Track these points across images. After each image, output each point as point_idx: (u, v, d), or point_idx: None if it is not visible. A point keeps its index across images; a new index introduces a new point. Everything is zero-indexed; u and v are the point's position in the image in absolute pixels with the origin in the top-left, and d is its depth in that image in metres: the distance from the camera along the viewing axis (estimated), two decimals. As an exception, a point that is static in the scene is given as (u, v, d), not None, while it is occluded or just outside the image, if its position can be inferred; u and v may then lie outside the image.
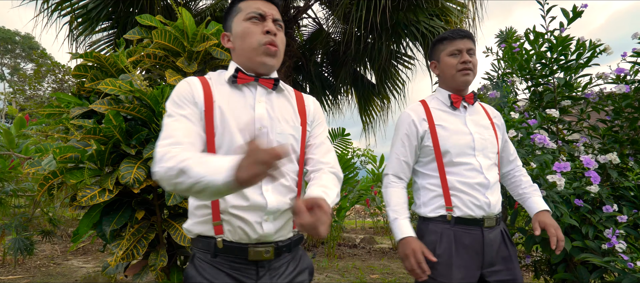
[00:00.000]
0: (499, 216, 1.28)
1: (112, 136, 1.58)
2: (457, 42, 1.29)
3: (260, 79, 0.96)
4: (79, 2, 3.75)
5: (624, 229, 1.67)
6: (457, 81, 1.30)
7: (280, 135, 0.94)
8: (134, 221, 1.68)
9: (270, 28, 0.93)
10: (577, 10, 1.93)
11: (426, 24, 3.75)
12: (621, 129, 1.98)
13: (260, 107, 0.94)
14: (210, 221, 0.88)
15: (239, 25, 0.95)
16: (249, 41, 0.93)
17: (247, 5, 0.96)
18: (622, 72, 1.97)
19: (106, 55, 1.90)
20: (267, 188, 0.90)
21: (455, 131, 1.27)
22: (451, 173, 1.25)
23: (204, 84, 0.93)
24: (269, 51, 0.93)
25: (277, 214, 0.91)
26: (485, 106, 1.42)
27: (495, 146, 1.31)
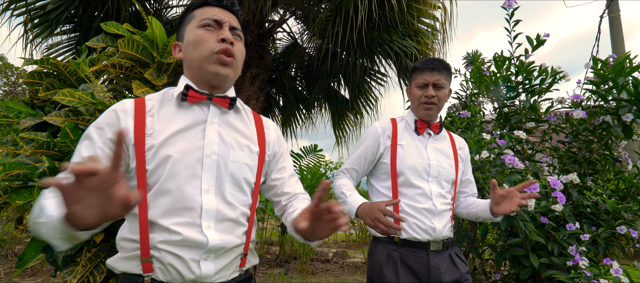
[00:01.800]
0: (446, 240, 1.31)
1: (68, 151, 1.44)
2: (425, 75, 1.32)
3: (214, 98, 0.85)
4: (36, 3, 3.49)
5: (585, 246, 1.76)
6: (419, 113, 1.36)
7: (233, 164, 0.82)
8: (91, 245, 1.53)
9: (225, 36, 0.83)
10: (540, 38, 2.05)
11: (399, 43, 3.86)
12: (579, 150, 2.12)
13: (212, 130, 0.82)
14: (138, 257, 0.76)
15: (191, 32, 0.85)
16: (200, 49, 0.82)
17: (201, 12, 0.86)
18: (578, 98, 2.11)
19: (65, 62, 1.76)
20: (208, 225, 0.77)
21: (413, 154, 1.32)
22: (403, 194, 1.29)
23: (137, 110, 0.80)
24: (222, 60, 0.82)
25: (220, 252, 0.79)
26: (454, 136, 1.46)
27: (452, 176, 1.35)
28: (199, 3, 0.88)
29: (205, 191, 0.78)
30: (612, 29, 5.73)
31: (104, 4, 3.55)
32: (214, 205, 0.78)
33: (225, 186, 0.81)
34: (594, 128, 2.03)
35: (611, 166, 2.11)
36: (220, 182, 0.80)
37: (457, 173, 1.37)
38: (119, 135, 0.52)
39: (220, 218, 0.79)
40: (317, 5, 3.94)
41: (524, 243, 1.81)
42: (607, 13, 5.76)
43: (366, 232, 5.10)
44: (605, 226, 1.81)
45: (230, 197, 0.81)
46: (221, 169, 0.81)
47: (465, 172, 1.45)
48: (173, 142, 0.79)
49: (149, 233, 0.76)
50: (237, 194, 0.83)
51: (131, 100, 0.82)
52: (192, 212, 0.77)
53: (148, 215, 0.76)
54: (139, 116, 0.80)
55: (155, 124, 0.80)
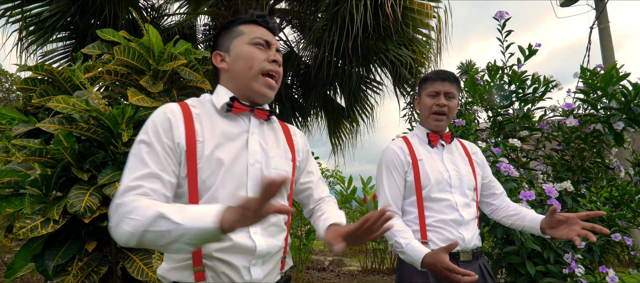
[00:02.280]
0: (476, 250, 1.29)
1: (61, 158, 1.43)
2: (437, 84, 1.33)
3: (255, 110, 0.90)
4: (32, 10, 3.48)
5: (581, 253, 1.77)
6: (429, 124, 1.36)
7: (275, 171, 0.87)
8: (83, 254, 1.50)
9: (277, 58, 0.90)
10: (532, 48, 2.09)
11: (395, 52, 3.90)
12: (572, 158, 2.14)
13: (254, 140, 0.87)
14: (190, 266, 0.77)
15: (242, 47, 0.89)
16: (252, 66, 0.87)
17: (251, 30, 0.91)
18: (570, 107, 2.14)
19: (60, 69, 1.75)
20: (255, 230, 0.81)
21: (433, 167, 1.31)
22: (428, 208, 1.28)
23: (186, 116, 0.82)
24: (270, 84, 0.89)
25: (266, 257, 0.83)
26: (465, 143, 1.46)
27: (473, 183, 1.34)
28: (246, 19, 0.93)
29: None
30: (602, 39, 5.85)
31: (101, 11, 3.56)
32: None
33: None
34: (585, 136, 2.06)
35: (604, 174, 2.13)
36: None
37: (476, 179, 1.36)
38: (280, 182, 0.56)
39: (266, 224, 0.83)
40: (313, 14, 3.98)
41: (521, 251, 1.81)
42: (597, 24, 5.89)
43: (362, 241, 5.07)
44: (600, 234, 1.82)
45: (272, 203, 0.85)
46: (264, 176, 0.85)
47: (485, 175, 1.44)
48: (221, 150, 0.82)
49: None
50: (278, 199, 0.87)
51: (177, 104, 0.84)
52: None
53: None
54: (188, 122, 0.82)
55: (204, 132, 0.82)
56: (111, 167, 1.53)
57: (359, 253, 5.27)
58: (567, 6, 6.32)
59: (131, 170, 0.75)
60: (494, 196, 1.44)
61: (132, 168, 0.76)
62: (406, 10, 3.50)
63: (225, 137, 0.84)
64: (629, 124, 1.89)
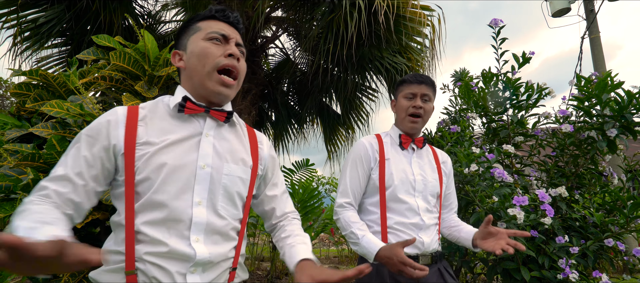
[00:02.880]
0: (435, 254, 1.31)
1: (54, 163, 1.41)
2: (414, 87, 1.35)
3: (211, 111, 0.84)
4: (28, 16, 3.47)
5: (575, 259, 1.77)
6: (405, 125, 1.36)
7: (227, 177, 0.82)
8: (73, 260, 1.48)
9: (233, 51, 0.84)
10: (526, 56, 2.12)
11: (390, 60, 3.94)
12: (566, 164, 2.16)
13: (207, 142, 0.82)
14: (123, 269, 0.74)
15: (197, 44, 0.84)
16: (206, 61, 0.82)
17: (208, 25, 0.86)
18: (564, 114, 2.17)
19: (54, 74, 1.74)
20: (197, 238, 0.76)
21: (400, 169, 1.32)
22: (390, 209, 1.28)
23: (129, 118, 0.79)
24: (225, 82, 0.83)
25: (208, 266, 0.78)
26: (437, 151, 1.48)
27: (437, 190, 1.36)
28: (205, 15, 0.88)
29: (196, 204, 0.77)
30: (593, 49, 5.95)
31: (97, 18, 3.56)
32: (205, 217, 0.78)
33: (217, 199, 0.80)
34: (579, 143, 2.08)
35: (597, 180, 2.15)
36: (213, 195, 0.80)
37: (441, 187, 1.38)
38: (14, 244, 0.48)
39: (210, 231, 0.78)
40: (308, 22, 4.02)
41: (515, 257, 1.82)
42: (588, 34, 6.00)
43: (358, 248, 5.04)
44: (594, 239, 1.83)
45: (222, 210, 0.81)
46: (214, 182, 0.80)
47: (448, 186, 1.46)
48: (166, 152, 0.78)
49: (134, 245, 0.74)
50: (228, 207, 0.82)
51: (124, 108, 0.82)
52: (181, 224, 0.76)
53: (134, 225, 0.75)
54: (130, 124, 0.79)
55: (148, 134, 0.79)
56: (104, 172, 1.52)
57: (355, 261, 5.24)
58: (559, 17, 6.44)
59: (55, 167, 0.77)
60: (448, 209, 1.46)
61: (58, 163, 0.77)
62: (399, 18, 3.55)
63: (175, 139, 0.80)
64: (622, 132, 1.92)
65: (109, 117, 0.80)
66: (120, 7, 3.60)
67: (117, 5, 3.56)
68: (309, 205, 4.20)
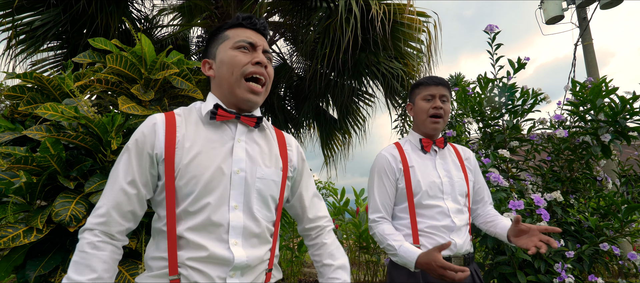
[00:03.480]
0: (467, 255, 1.30)
1: (48, 166, 1.40)
2: (432, 88, 1.35)
3: (241, 117, 0.87)
4: (23, 19, 3.46)
5: (571, 263, 1.78)
6: (426, 127, 1.36)
7: (260, 180, 0.84)
8: (67, 264, 1.46)
9: (260, 59, 0.86)
10: (521, 62, 2.14)
11: (386, 65, 3.96)
12: (561, 169, 2.17)
13: (239, 147, 0.84)
14: (167, 275, 0.76)
15: (225, 52, 0.87)
16: (235, 70, 0.85)
17: (236, 34, 0.88)
18: (560, 119, 2.19)
19: (49, 76, 1.73)
20: (235, 241, 0.78)
21: (426, 173, 1.32)
22: (420, 214, 1.29)
23: (168, 124, 0.82)
24: (253, 89, 0.85)
25: (246, 269, 0.80)
26: (458, 147, 1.47)
27: (465, 189, 1.35)
28: (232, 23, 0.90)
29: (233, 208, 0.79)
30: (586, 56, 6.03)
31: (93, 21, 3.55)
32: (242, 221, 0.80)
33: (252, 203, 0.82)
34: (574, 148, 2.10)
35: (592, 185, 2.17)
36: (248, 199, 0.82)
37: (468, 185, 1.37)
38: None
39: (248, 234, 0.80)
40: (305, 27, 4.04)
41: (511, 261, 1.82)
42: (581, 41, 6.08)
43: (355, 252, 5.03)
44: (589, 244, 1.84)
45: (257, 213, 0.83)
46: (249, 186, 0.82)
47: (477, 181, 1.45)
48: (202, 159, 0.80)
49: (177, 250, 0.76)
50: (263, 210, 0.84)
51: (161, 114, 0.84)
52: (220, 228, 0.78)
53: (176, 231, 0.77)
54: (169, 130, 0.81)
55: (185, 140, 0.81)
56: (99, 175, 1.50)
57: (353, 265, 5.22)
58: (553, 24, 6.52)
59: (106, 193, 0.80)
60: (482, 203, 1.45)
61: (110, 177, 0.81)
62: (396, 24, 3.58)
63: (209, 145, 0.82)
64: (616, 137, 1.94)
65: (149, 124, 0.83)
66: (117, 10, 3.59)
67: (114, 8, 3.56)
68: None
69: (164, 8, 4.82)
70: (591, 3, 5.95)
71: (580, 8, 6.11)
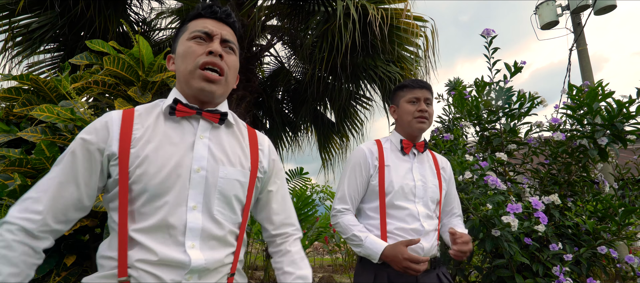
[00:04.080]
0: (434, 259, 1.31)
1: (43, 168, 1.38)
2: (416, 91, 1.37)
3: (203, 112, 0.82)
4: (20, 21, 3.44)
5: (569, 266, 1.77)
6: (412, 127, 1.37)
7: (223, 180, 0.79)
8: (61, 268, 1.43)
9: (213, 48, 0.80)
10: (517, 65, 2.16)
11: (384, 69, 3.97)
12: (558, 172, 2.18)
13: (201, 144, 0.80)
14: (116, 276, 0.72)
15: (182, 44, 0.83)
16: (187, 61, 0.80)
17: (194, 24, 0.84)
18: (557, 122, 2.20)
19: (45, 78, 1.72)
20: (192, 244, 0.74)
21: (401, 174, 1.33)
22: (390, 215, 1.29)
23: (124, 121, 0.78)
24: (207, 77, 0.79)
25: (204, 273, 0.75)
26: (437, 156, 1.48)
27: (437, 196, 1.37)
28: (193, 14, 0.86)
29: (191, 209, 0.75)
30: (581, 61, 6.09)
31: (91, 24, 3.54)
32: (200, 223, 0.75)
33: (213, 204, 0.78)
34: (571, 151, 2.11)
35: (589, 188, 2.17)
36: (208, 199, 0.77)
37: (441, 192, 1.38)
38: None
39: (206, 236, 0.76)
40: (303, 31, 4.05)
41: (510, 265, 1.81)
42: (576, 46, 6.14)
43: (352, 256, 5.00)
44: (587, 247, 1.84)
45: (218, 215, 0.78)
46: (210, 185, 0.78)
47: (449, 192, 1.47)
48: (160, 156, 0.76)
49: (127, 250, 0.72)
50: (225, 212, 0.80)
51: (119, 111, 0.80)
52: (175, 230, 0.74)
53: (128, 230, 0.73)
54: (125, 126, 0.77)
55: (142, 137, 0.77)
56: (95, 178, 1.49)
57: (350, 269, 5.19)
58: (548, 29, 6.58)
59: (41, 184, 0.74)
60: (450, 214, 1.47)
61: (51, 170, 0.76)
62: (393, 28, 3.59)
63: (167, 141, 0.78)
64: (613, 140, 1.94)
65: (104, 119, 0.79)
66: (115, 14, 3.59)
67: (112, 12, 3.55)
68: (303, 213, 4.17)
69: (162, 11, 4.82)
70: (585, 9, 6.02)
71: (574, 14, 6.18)
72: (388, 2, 3.65)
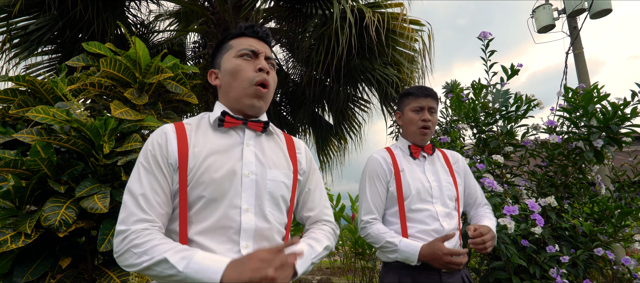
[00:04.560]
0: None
1: (38, 170, 1.37)
2: (421, 100, 1.38)
3: (248, 122, 0.89)
4: (18, 23, 3.43)
5: (566, 268, 1.77)
6: (415, 138, 1.40)
7: (271, 182, 0.85)
8: (56, 271, 1.42)
9: (262, 65, 0.88)
10: (514, 68, 2.17)
11: (381, 71, 3.98)
12: (555, 174, 2.18)
13: (249, 151, 0.86)
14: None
15: (229, 62, 0.90)
16: (239, 78, 0.87)
17: (239, 43, 0.91)
18: (552, 124, 2.21)
19: (42, 80, 1.71)
20: (247, 244, 0.79)
21: (416, 177, 1.34)
22: (410, 219, 1.30)
23: (179, 134, 0.84)
24: (259, 93, 0.87)
25: None
26: (447, 152, 1.49)
27: (454, 193, 1.37)
28: (236, 33, 0.93)
29: (244, 211, 0.80)
30: (577, 64, 6.12)
31: (89, 26, 3.54)
32: (253, 224, 0.81)
33: (264, 205, 0.83)
34: (568, 153, 2.11)
35: (586, 190, 2.18)
36: (260, 201, 0.83)
37: (457, 188, 1.38)
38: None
39: (259, 237, 0.81)
40: (301, 34, 4.06)
41: (507, 267, 1.81)
42: (572, 50, 6.17)
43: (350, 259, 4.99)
44: (583, 249, 1.84)
45: (269, 215, 0.84)
46: (260, 188, 0.83)
47: (468, 184, 1.47)
48: (212, 163, 0.81)
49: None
50: (275, 212, 0.85)
51: (170, 124, 0.86)
52: (231, 231, 0.79)
53: (188, 233, 0.78)
54: (181, 139, 0.83)
55: (195, 147, 0.83)
56: (90, 179, 1.48)
57: (348, 272, 5.17)
58: (544, 33, 6.63)
59: (132, 195, 0.78)
60: (475, 205, 1.47)
61: (132, 191, 0.78)
62: (389, 32, 3.61)
63: (219, 150, 0.84)
64: (609, 142, 1.95)
65: (159, 135, 0.84)
66: (114, 16, 3.59)
67: (110, 14, 3.55)
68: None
69: (161, 14, 4.83)
70: (581, 13, 6.07)
71: (570, 17, 6.22)
72: (385, 7, 3.67)
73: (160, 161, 0.81)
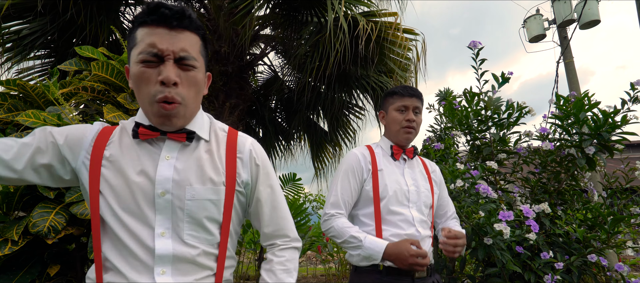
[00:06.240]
0: (430, 266, 1.29)
1: (27, 175, 1.35)
2: (405, 100, 1.36)
3: (168, 134, 0.75)
4: (10, 28, 3.40)
5: (560, 275, 1.78)
6: (399, 137, 1.37)
7: (191, 202, 0.73)
8: (44, 278, 1.39)
9: (165, 77, 0.68)
10: (505, 76, 2.19)
11: (375, 78, 4.01)
12: (548, 181, 2.20)
13: (165, 166, 0.73)
14: None
15: (133, 65, 0.71)
16: (141, 93, 0.71)
17: (142, 38, 0.70)
18: (545, 131, 2.23)
19: (33, 84, 1.69)
20: (163, 270, 0.70)
21: (393, 179, 1.32)
22: (386, 221, 1.27)
23: (100, 137, 0.75)
24: (163, 112, 0.70)
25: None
26: (426, 161, 1.49)
27: (430, 200, 1.36)
28: (139, 20, 0.72)
29: (159, 236, 0.71)
30: (568, 73, 6.24)
31: (82, 31, 3.52)
32: (170, 249, 0.71)
33: (182, 228, 0.73)
34: (560, 160, 2.13)
35: (579, 197, 2.20)
36: (176, 224, 0.73)
37: (433, 196, 1.38)
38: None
39: (178, 261, 0.72)
40: (296, 41, 4.08)
41: (502, 273, 1.81)
42: (563, 59, 6.29)
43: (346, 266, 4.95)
44: (577, 255, 1.85)
45: (189, 239, 0.73)
46: (176, 210, 0.72)
47: (441, 196, 1.47)
48: (124, 179, 0.72)
49: (102, 273, 0.71)
50: (199, 234, 0.74)
51: (103, 124, 0.79)
52: (145, 256, 0.71)
53: (101, 250, 0.72)
54: (99, 142, 0.76)
55: (112, 156, 0.75)
56: (81, 185, 1.45)
57: (343, 278, 5.13)
58: (536, 42, 6.75)
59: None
60: (445, 217, 1.47)
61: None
62: (383, 41, 3.65)
63: (134, 163, 0.74)
64: (600, 149, 1.98)
65: (87, 127, 0.78)
66: (107, 20, 3.57)
67: (104, 18, 3.54)
68: (296, 222, 4.13)
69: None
70: (571, 23, 6.20)
71: (560, 28, 6.35)
72: (379, 16, 3.70)
73: (65, 144, 0.75)
